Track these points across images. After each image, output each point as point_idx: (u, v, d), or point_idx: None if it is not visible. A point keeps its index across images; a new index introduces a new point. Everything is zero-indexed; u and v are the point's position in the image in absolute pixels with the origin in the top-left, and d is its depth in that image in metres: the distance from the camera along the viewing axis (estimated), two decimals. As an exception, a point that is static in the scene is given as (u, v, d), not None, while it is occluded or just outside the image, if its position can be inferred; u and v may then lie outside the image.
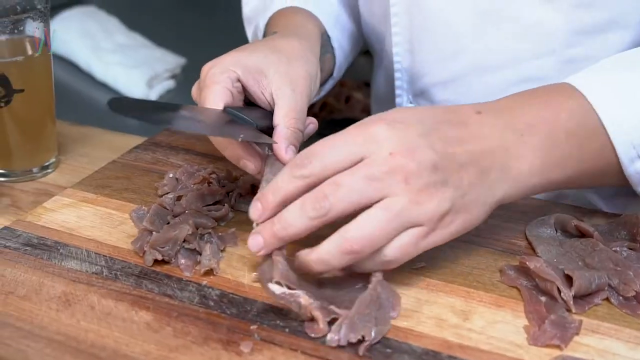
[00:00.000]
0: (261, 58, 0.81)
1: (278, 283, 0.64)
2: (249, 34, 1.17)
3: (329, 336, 0.61)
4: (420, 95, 1.00)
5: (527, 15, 0.88)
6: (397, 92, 1.02)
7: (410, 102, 1.02)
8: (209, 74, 0.79)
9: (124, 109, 0.73)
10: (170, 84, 1.81)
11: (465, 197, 0.65)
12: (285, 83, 0.79)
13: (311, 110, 1.84)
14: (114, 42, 1.85)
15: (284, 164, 0.74)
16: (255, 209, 0.67)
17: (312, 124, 0.82)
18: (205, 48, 1.99)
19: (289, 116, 0.77)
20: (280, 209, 0.66)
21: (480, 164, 0.66)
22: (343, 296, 0.66)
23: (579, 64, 0.87)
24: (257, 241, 0.66)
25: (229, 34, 2.11)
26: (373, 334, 0.61)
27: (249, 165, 0.76)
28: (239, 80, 0.80)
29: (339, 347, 0.61)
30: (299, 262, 0.66)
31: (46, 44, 0.89)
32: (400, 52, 0.99)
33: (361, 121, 0.67)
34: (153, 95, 1.74)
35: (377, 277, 0.65)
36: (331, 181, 0.64)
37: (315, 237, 0.65)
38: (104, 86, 1.78)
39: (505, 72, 0.92)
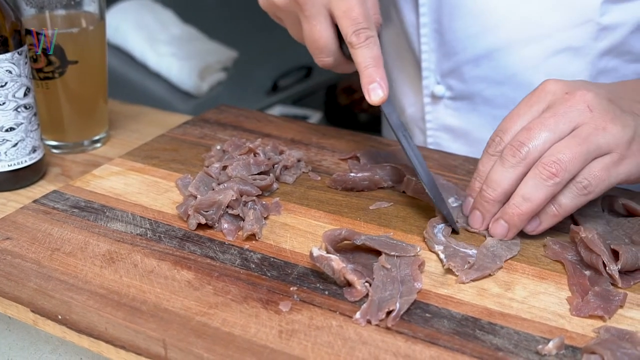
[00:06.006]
0: None
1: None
2: None
3: (357, 315, 0.61)
4: (449, 74, 0.99)
5: None
6: (424, 73, 1.00)
7: (438, 83, 1.01)
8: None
9: None
10: (221, 76, 1.83)
11: None
12: None
13: (360, 106, 1.85)
14: (169, 34, 1.87)
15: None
16: (469, 199, 0.73)
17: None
18: (257, 43, 2.02)
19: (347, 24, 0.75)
20: None
21: None
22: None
23: (614, 30, 0.87)
24: (475, 217, 0.72)
25: (280, 29, 2.13)
26: (398, 305, 0.61)
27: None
28: None
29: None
30: (503, 217, 0.69)
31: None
32: (427, 33, 0.97)
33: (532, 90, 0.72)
34: (204, 86, 1.76)
35: (382, 260, 0.66)
36: (522, 129, 0.68)
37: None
38: (157, 76, 1.80)
39: (540, 44, 0.91)
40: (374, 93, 0.74)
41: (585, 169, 0.67)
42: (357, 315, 0.60)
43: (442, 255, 0.68)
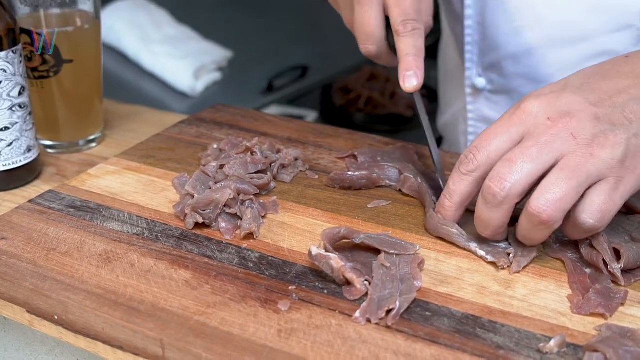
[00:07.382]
0: None
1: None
2: None
3: (357, 314, 0.60)
4: (490, 68, 0.99)
5: None
6: (467, 65, 1.01)
7: (480, 75, 1.01)
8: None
9: None
10: (216, 75, 1.82)
11: (639, 136, 0.64)
12: None
13: (356, 105, 1.85)
14: (163, 33, 1.86)
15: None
16: (442, 217, 0.70)
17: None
18: (252, 43, 2.01)
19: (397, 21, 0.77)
20: (463, 209, 0.69)
21: None
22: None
23: None
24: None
25: (275, 29, 2.13)
26: (398, 304, 0.60)
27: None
28: None
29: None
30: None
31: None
32: (471, 25, 0.98)
33: (513, 105, 0.67)
34: (200, 86, 1.75)
35: (381, 258, 0.65)
36: (503, 160, 0.64)
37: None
38: (151, 76, 1.79)
39: (580, 46, 0.90)
40: (409, 80, 0.75)
41: (585, 204, 0.62)
42: (357, 314, 0.60)
43: (482, 253, 0.68)
